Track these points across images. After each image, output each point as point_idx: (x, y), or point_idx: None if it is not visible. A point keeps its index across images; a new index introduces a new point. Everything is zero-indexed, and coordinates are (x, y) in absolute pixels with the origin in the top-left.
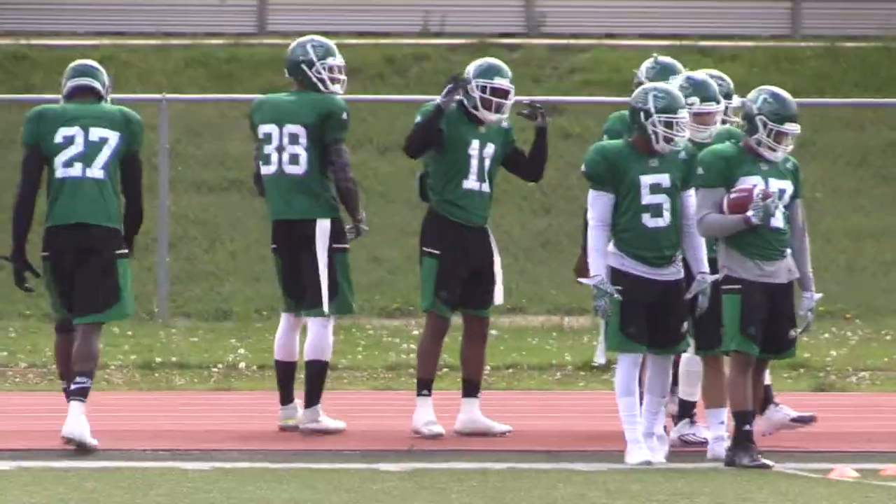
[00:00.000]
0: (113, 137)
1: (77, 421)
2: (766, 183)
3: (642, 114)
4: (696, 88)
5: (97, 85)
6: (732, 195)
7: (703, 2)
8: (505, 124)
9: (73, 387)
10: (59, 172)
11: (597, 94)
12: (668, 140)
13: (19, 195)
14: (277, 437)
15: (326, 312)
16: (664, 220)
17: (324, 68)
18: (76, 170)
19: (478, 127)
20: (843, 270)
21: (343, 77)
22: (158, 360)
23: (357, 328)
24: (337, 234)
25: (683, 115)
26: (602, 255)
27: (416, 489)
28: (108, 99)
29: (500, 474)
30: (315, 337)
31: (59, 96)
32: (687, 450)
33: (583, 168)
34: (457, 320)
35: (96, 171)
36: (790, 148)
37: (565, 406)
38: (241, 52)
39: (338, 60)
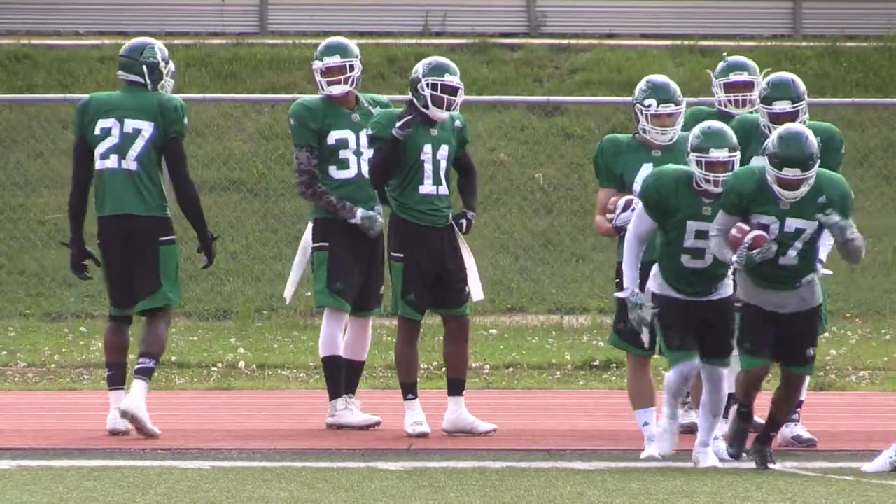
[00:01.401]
0: (147, 128)
1: (137, 397)
2: (783, 223)
3: (687, 153)
4: (655, 90)
5: (133, 77)
6: (732, 231)
7: (703, 2)
8: (458, 123)
9: (137, 366)
10: (98, 164)
11: (597, 94)
12: (707, 181)
13: (71, 184)
14: (276, 436)
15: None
16: (704, 262)
17: (316, 73)
18: (112, 161)
19: (429, 129)
20: (843, 270)
21: (335, 77)
22: None
23: None
24: (315, 234)
25: (718, 154)
26: (633, 268)
27: (415, 488)
28: (166, 73)
29: (498, 473)
30: (321, 332)
31: (59, 96)
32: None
33: (639, 190)
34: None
35: (130, 163)
36: (801, 192)
37: (564, 405)
38: (243, 52)
39: (324, 63)
